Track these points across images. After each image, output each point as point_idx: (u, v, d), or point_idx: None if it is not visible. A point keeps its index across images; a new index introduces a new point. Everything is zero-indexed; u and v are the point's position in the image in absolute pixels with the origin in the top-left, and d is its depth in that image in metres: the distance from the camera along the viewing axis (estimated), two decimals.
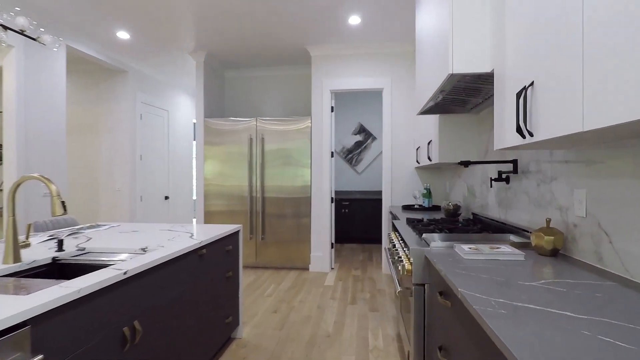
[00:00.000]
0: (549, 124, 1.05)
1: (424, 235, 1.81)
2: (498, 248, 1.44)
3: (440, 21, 1.77)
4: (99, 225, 2.43)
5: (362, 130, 6.43)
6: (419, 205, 3.58)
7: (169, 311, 1.59)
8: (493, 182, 2.20)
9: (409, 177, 4.09)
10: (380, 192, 6.35)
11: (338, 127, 6.52)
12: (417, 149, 3.64)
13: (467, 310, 1.05)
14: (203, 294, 1.93)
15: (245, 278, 3.88)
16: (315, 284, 3.69)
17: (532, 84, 1.14)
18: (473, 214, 2.58)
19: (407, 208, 3.48)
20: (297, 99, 4.95)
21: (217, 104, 4.77)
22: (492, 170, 2.29)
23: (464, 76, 1.63)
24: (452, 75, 1.61)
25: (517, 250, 1.40)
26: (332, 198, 4.24)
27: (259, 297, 3.29)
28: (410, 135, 4.07)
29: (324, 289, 3.51)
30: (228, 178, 4.36)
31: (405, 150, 4.09)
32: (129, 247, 1.71)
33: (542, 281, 1.10)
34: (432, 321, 1.55)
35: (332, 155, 4.29)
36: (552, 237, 1.39)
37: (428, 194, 3.47)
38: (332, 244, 4.27)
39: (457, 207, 2.79)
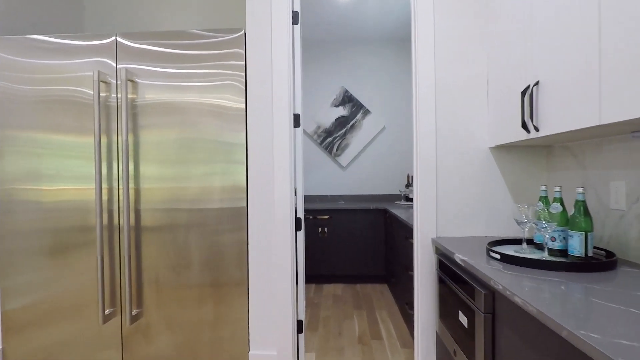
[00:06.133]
0: None
1: None
2: None
3: None
4: None
5: (347, 99, 4.09)
6: (536, 246, 1.27)
7: None
8: None
9: (478, 169, 1.79)
10: (377, 197, 4.04)
11: (309, 95, 4.14)
12: (525, 94, 1.35)
13: None
14: None
15: None
16: None
17: None
18: None
19: (510, 259, 1.17)
20: (221, 12, 2.53)
21: (59, 17, 2.27)
22: None
23: None
24: None
25: None
26: (297, 219, 1.88)
27: None
28: (479, 70, 1.78)
29: None
30: (54, 176, 1.89)
31: (466, 107, 1.79)
32: None
33: None
34: None
35: (295, 124, 1.94)
36: None
37: (582, 216, 1.16)
38: (298, 322, 1.90)
39: None
